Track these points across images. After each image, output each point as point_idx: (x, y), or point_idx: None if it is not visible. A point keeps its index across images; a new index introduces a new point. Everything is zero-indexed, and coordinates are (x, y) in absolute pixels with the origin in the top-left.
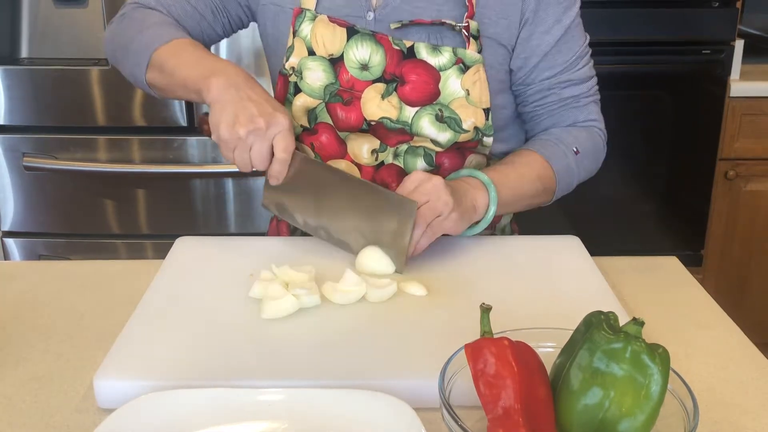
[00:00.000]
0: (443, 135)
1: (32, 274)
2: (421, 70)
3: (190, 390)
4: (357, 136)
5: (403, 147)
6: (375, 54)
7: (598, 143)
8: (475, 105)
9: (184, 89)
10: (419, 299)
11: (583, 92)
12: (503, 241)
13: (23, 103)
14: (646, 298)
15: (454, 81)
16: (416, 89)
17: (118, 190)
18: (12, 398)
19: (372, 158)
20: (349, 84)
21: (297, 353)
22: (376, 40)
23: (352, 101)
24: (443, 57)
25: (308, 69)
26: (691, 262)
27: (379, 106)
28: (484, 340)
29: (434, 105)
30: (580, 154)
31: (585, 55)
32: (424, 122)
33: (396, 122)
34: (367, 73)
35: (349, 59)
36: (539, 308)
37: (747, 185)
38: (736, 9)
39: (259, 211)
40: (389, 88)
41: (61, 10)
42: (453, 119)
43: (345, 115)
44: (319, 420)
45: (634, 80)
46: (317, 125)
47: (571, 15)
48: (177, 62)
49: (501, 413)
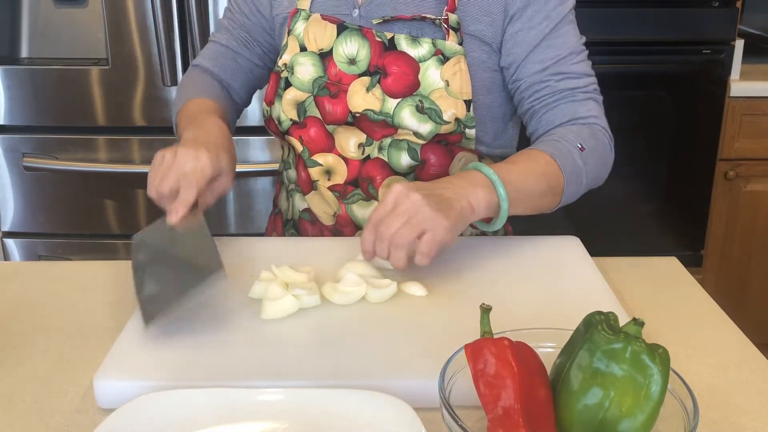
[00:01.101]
0: (424, 126)
1: (32, 274)
2: (401, 62)
3: (190, 390)
4: (344, 129)
5: (388, 140)
6: (362, 48)
7: (603, 141)
8: (455, 96)
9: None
10: (419, 299)
11: (581, 86)
12: (503, 242)
13: (23, 103)
14: (646, 298)
15: (433, 72)
16: (397, 81)
17: (118, 190)
18: (12, 398)
19: (359, 152)
20: (337, 78)
21: (297, 353)
22: (362, 34)
23: (339, 94)
24: (422, 48)
25: (299, 64)
26: (691, 262)
27: (364, 99)
28: (484, 340)
29: (414, 96)
30: (586, 150)
31: (580, 52)
32: (405, 113)
33: (379, 114)
34: (354, 67)
35: (338, 54)
36: (539, 308)
37: (747, 185)
38: (736, 9)
39: (259, 211)
40: (373, 80)
41: (61, 10)
42: (433, 110)
43: (332, 108)
44: (319, 420)
45: (634, 80)
46: (306, 119)
47: (561, 11)
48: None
49: (501, 413)
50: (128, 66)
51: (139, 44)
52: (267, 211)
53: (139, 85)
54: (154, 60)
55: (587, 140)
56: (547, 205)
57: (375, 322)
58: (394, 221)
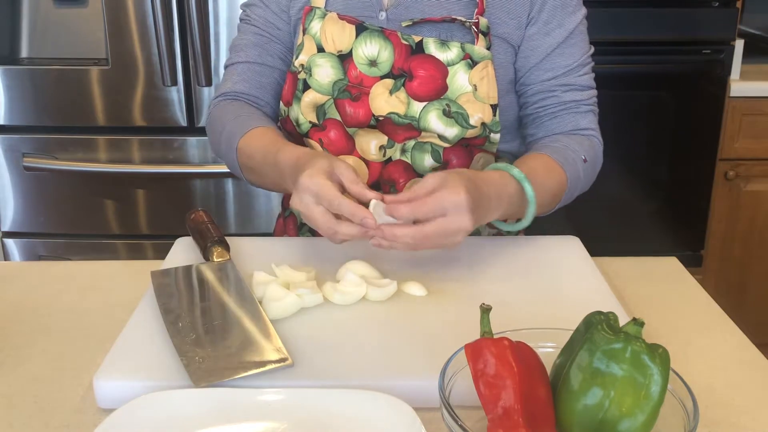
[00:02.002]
0: (450, 130)
1: (32, 274)
2: (429, 65)
3: (190, 390)
4: (365, 132)
5: (411, 143)
6: (384, 50)
7: (598, 155)
8: (482, 101)
9: (281, 189)
10: (419, 299)
11: (584, 99)
12: (503, 241)
13: (23, 103)
14: (646, 298)
15: (461, 76)
16: (424, 84)
17: (118, 190)
18: (12, 398)
19: (380, 154)
20: (358, 80)
21: (297, 353)
22: (385, 36)
23: (361, 97)
24: (451, 52)
25: (317, 66)
26: (691, 262)
27: (387, 102)
28: (484, 340)
29: (441, 100)
30: (587, 163)
31: (587, 64)
32: (432, 117)
33: (404, 117)
34: (376, 69)
35: (358, 55)
36: (539, 308)
37: (747, 185)
38: (736, 9)
39: (259, 211)
40: (397, 84)
41: (61, 10)
42: (460, 114)
43: (353, 111)
44: (319, 420)
45: (634, 80)
46: (326, 121)
47: (574, 20)
48: (254, 165)
49: (501, 413)
50: (128, 66)
51: (139, 44)
52: (267, 211)
53: (139, 85)
54: (154, 60)
55: (588, 152)
56: (546, 211)
57: (375, 322)
58: (432, 243)
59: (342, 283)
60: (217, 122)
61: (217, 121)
